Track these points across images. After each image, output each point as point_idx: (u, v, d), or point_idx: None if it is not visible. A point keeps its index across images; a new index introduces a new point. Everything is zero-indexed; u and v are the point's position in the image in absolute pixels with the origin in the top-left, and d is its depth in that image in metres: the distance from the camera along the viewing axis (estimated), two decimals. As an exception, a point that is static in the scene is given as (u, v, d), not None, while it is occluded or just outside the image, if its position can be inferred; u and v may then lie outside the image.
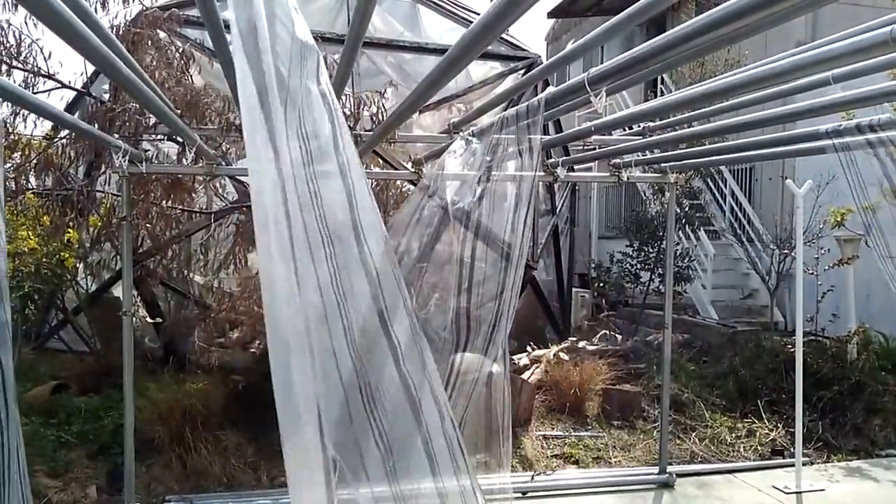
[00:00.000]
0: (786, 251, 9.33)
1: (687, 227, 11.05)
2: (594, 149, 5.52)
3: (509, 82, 8.55)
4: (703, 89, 3.52)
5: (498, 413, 3.56)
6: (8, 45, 5.60)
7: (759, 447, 6.46)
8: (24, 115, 5.66)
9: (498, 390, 3.58)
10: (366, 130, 5.73)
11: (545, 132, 6.97)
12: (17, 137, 5.86)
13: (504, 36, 8.65)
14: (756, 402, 7.08)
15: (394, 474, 1.58)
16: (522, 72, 8.59)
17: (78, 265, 7.07)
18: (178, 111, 5.10)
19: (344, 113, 5.97)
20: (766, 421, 6.84)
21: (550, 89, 3.35)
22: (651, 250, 10.39)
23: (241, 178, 6.80)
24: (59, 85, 6.03)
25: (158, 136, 5.97)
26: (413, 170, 5.33)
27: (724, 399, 7.31)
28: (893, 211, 3.87)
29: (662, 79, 12.85)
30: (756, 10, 1.97)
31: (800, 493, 5.54)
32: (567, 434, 6.56)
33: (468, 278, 3.78)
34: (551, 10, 18.20)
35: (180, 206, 6.51)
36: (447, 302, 3.76)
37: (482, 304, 3.73)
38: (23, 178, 6.10)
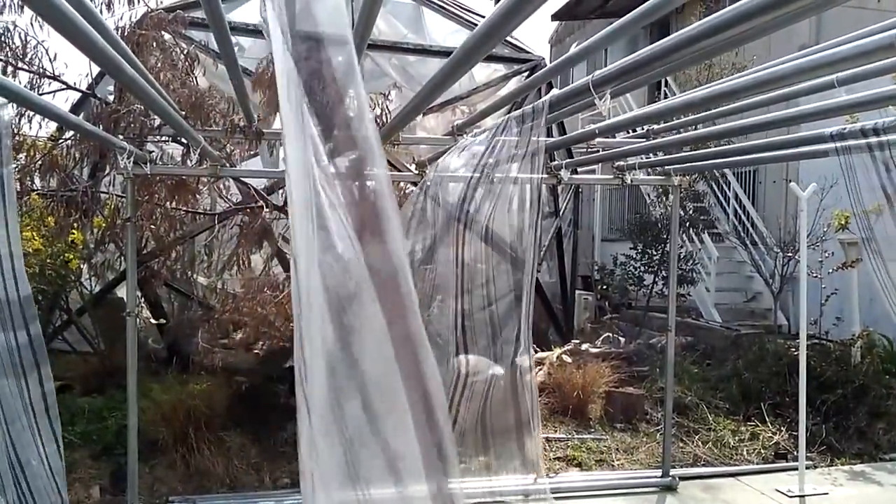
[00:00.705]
0: (789, 254, 9.31)
1: (691, 229, 11.04)
2: (598, 151, 5.52)
3: (513, 85, 8.56)
4: (707, 92, 3.53)
5: (525, 410, 3.55)
6: (14, 46, 5.61)
7: (762, 450, 6.45)
8: (29, 116, 5.68)
9: (524, 389, 3.57)
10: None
11: (549, 134, 6.97)
12: (22, 138, 5.88)
13: (508, 38, 8.66)
14: (759, 406, 7.06)
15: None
16: (526, 74, 8.60)
17: (82, 266, 7.09)
18: (183, 112, 5.11)
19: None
20: (769, 424, 6.83)
21: (554, 92, 3.36)
22: (654, 253, 10.38)
23: (245, 180, 6.81)
24: (64, 86, 6.05)
25: (163, 138, 5.98)
26: (417, 172, 5.33)
27: (728, 402, 7.30)
28: (887, 218, 3.86)
29: (666, 82, 12.85)
30: (761, 13, 1.98)
31: (803, 496, 5.53)
32: (570, 437, 6.55)
33: (471, 280, 3.79)
34: (555, 12, 18.21)
35: (184, 208, 6.52)
36: (452, 304, 3.77)
37: (485, 305, 3.74)
38: (27, 179, 6.12)
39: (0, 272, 2.50)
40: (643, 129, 5.24)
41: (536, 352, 8.04)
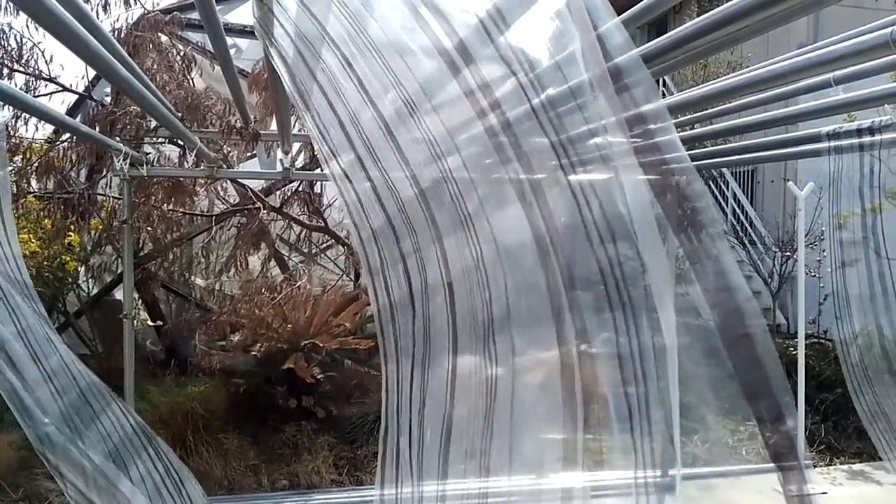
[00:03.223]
0: (788, 254, 9.30)
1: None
2: (595, 151, 5.50)
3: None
4: (704, 91, 3.52)
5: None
6: (9, 48, 5.60)
7: (761, 450, 6.44)
8: (25, 118, 5.67)
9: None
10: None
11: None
12: (18, 141, 5.87)
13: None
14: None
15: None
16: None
17: (79, 268, 7.08)
18: (179, 114, 5.10)
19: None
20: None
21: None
22: (653, 253, 10.35)
23: (243, 181, 6.80)
24: (60, 88, 6.04)
25: (159, 140, 5.97)
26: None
27: (727, 402, 7.29)
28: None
29: (664, 81, 12.83)
30: (757, 10, 1.97)
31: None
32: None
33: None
34: (552, 12, 18.22)
35: (181, 209, 6.51)
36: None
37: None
38: (24, 181, 6.11)
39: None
40: (640, 128, 5.22)
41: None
